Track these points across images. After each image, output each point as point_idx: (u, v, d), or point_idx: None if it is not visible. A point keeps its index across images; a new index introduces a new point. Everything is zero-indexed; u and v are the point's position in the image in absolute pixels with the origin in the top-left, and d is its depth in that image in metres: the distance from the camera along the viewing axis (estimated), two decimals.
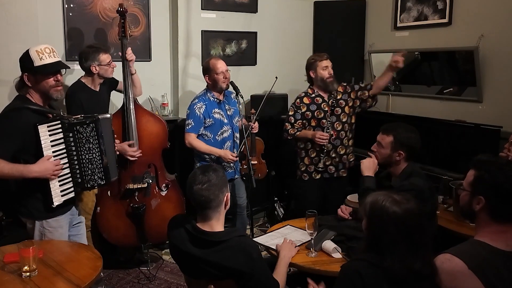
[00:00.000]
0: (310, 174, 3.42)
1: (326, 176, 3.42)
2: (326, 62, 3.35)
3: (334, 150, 3.36)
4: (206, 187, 1.78)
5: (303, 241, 2.28)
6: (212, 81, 3.29)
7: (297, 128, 3.40)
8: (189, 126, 3.27)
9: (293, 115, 3.40)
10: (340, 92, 3.41)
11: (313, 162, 3.40)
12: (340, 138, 3.37)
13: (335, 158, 3.37)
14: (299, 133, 3.38)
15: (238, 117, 3.43)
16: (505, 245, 1.51)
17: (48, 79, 2.25)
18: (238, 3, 4.23)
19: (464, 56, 3.64)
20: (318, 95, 3.39)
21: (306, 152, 3.41)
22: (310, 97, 3.39)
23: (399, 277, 1.49)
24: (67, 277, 1.88)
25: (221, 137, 3.34)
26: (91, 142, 2.37)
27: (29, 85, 2.25)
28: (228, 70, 3.32)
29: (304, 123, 3.39)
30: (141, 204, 3.17)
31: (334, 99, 3.37)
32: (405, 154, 2.36)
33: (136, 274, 3.41)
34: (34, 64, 2.21)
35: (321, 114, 3.35)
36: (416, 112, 3.96)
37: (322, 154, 3.32)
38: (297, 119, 3.39)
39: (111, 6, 3.67)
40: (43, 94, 2.28)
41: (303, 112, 3.37)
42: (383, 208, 1.55)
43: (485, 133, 3.31)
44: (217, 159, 3.33)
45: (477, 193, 1.56)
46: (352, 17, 4.58)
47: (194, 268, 1.83)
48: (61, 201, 2.28)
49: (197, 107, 3.26)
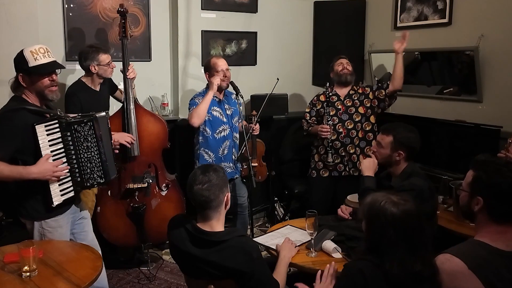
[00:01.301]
0: (318, 171, 3.51)
1: (335, 175, 3.45)
2: (341, 61, 3.51)
3: (344, 148, 3.40)
4: (206, 187, 1.78)
5: (303, 241, 2.28)
6: None
7: (311, 124, 3.53)
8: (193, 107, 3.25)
9: (309, 112, 3.59)
10: (359, 93, 3.48)
11: (322, 158, 3.48)
12: (351, 137, 3.41)
13: (344, 157, 3.40)
14: (311, 128, 3.52)
15: (237, 118, 3.43)
16: (505, 246, 1.51)
17: (43, 79, 2.24)
18: (238, 3, 4.23)
19: (464, 56, 3.64)
20: (334, 94, 3.48)
21: (317, 149, 3.52)
22: (326, 95, 3.49)
23: (399, 280, 1.49)
24: (67, 277, 1.87)
25: (220, 135, 3.34)
26: (89, 141, 2.37)
27: (24, 85, 2.24)
28: (229, 70, 3.32)
29: (319, 120, 3.52)
30: (141, 204, 3.17)
31: (351, 98, 3.45)
32: (405, 154, 2.36)
33: (136, 274, 3.41)
34: (29, 64, 2.20)
35: (333, 111, 3.43)
36: (416, 112, 3.96)
37: (330, 149, 3.38)
38: (312, 116, 3.56)
39: (111, 6, 3.67)
40: (38, 94, 2.28)
41: (318, 109, 3.51)
42: (381, 210, 1.56)
43: (485, 133, 3.31)
44: (217, 159, 3.34)
45: (476, 193, 1.56)
46: (352, 17, 4.57)
47: (194, 268, 1.83)
48: (60, 201, 2.28)
49: (197, 99, 3.28)
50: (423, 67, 4.07)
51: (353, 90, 3.51)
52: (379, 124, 3.49)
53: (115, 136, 2.81)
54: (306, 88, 4.72)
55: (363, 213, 1.64)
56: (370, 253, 1.58)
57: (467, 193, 1.60)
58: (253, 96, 4.16)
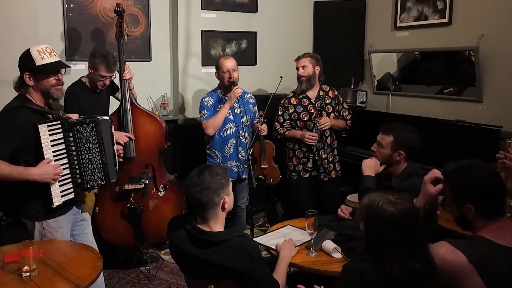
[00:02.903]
0: (298, 173, 3.46)
1: (314, 174, 3.43)
2: (300, 62, 3.38)
3: (317, 152, 3.38)
4: (199, 190, 1.78)
5: (303, 241, 2.28)
6: (219, 78, 3.35)
7: (286, 128, 3.45)
8: (204, 115, 3.32)
9: (281, 115, 3.47)
10: (330, 97, 3.44)
11: (301, 162, 3.43)
12: (323, 142, 3.39)
13: (317, 161, 3.39)
14: (288, 133, 3.44)
15: (247, 117, 3.39)
16: (504, 241, 1.53)
17: (49, 78, 2.26)
18: (238, 3, 4.23)
19: (464, 56, 3.64)
20: (305, 96, 3.42)
21: (294, 153, 3.46)
22: (297, 98, 3.43)
23: (399, 280, 1.49)
24: (67, 277, 1.87)
25: (226, 133, 3.34)
26: (91, 142, 2.37)
27: (30, 84, 2.25)
28: (236, 70, 3.32)
29: (292, 123, 3.44)
30: (138, 204, 3.16)
31: (322, 101, 3.40)
32: (405, 154, 2.36)
33: (136, 274, 3.41)
34: (36, 63, 2.22)
35: (307, 116, 3.38)
36: (416, 112, 3.95)
37: (311, 153, 3.35)
38: (285, 119, 3.45)
39: (111, 6, 3.66)
40: (43, 93, 2.28)
41: (290, 113, 3.43)
42: (379, 210, 1.56)
43: (485, 133, 3.30)
44: (224, 158, 3.34)
45: (463, 203, 1.60)
46: (352, 17, 4.57)
47: (194, 268, 1.83)
48: (61, 202, 2.28)
49: (206, 100, 3.35)
50: (423, 67, 4.07)
51: (322, 91, 3.44)
52: (379, 124, 3.48)
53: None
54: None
55: (361, 214, 1.65)
56: (369, 253, 1.59)
57: (455, 205, 1.64)
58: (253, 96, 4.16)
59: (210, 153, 3.40)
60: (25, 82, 2.25)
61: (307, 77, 3.36)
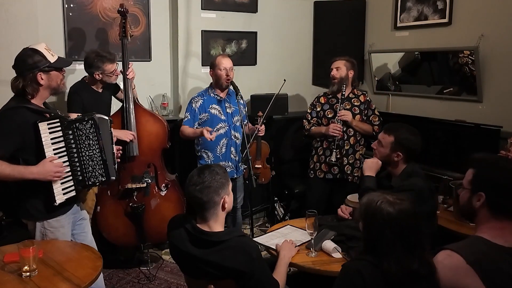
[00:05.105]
0: (315, 171, 3.53)
1: (329, 177, 3.45)
2: (335, 64, 3.47)
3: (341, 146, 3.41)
4: (199, 189, 1.78)
5: (303, 241, 2.28)
6: (215, 77, 3.35)
7: (313, 124, 3.53)
8: (185, 118, 3.35)
9: (310, 113, 3.58)
10: (360, 101, 3.48)
11: (320, 159, 3.48)
12: (343, 139, 3.41)
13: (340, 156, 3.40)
14: (314, 128, 3.52)
15: (238, 117, 3.42)
16: (504, 241, 1.53)
17: (60, 73, 2.31)
18: (238, 3, 4.23)
19: (464, 56, 3.64)
20: (334, 96, 3.48)
21: (316, 150, 3.53)
22: (326, 97, 3.52)
23: (397, 279, 1.49)
24: (67, 277, 1.88)
25: (217, 134, 3.33)
26: (90, 139, 2.38)
27: (42, 84, 2.25)
28: (233, 69, 3.33)
29: (318, 121, 3.52)
30: (140, 204, 3.17)
31: (350, 101, 3.44)
32: (403, 156, 2.35)
33: (136, 274, 3.41)
34: (51, 61, 2.24)
35: (331, 113, 3.44)
36: (416, 112, 3.96)
37: (334, 146, 3.38)
38: (313, 117, 3.56)
39: (111, 6, 3.66)
40: (53, 90, 2.31)
41: (318, 111, 3.52)
42: (377, 210, 1.56)
43: (485, 133, 3.31)
44: (216, 158, 3.34)
45: (477, 189, 1.58)
46: (352, 17, 4.57)
47: (194, 268, 1.83)
48: (63, 199, 2.28)
49: (194, 101, 3.35)
50: (423, 67, 4.07)
51: (353, 94, 3.50)
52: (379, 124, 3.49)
53: (117, 134, 2.82)
54: (306, 88, 4.73)
55: (360, 213, 1.65)
56: (368, 253, 1.59)
57: (468, 190, 1.62)
58: (253, 96, 4.16)
59: (202, 155, 3.38)
60: (34, 83, 2.23)
61: (339, 79, 3.41)
